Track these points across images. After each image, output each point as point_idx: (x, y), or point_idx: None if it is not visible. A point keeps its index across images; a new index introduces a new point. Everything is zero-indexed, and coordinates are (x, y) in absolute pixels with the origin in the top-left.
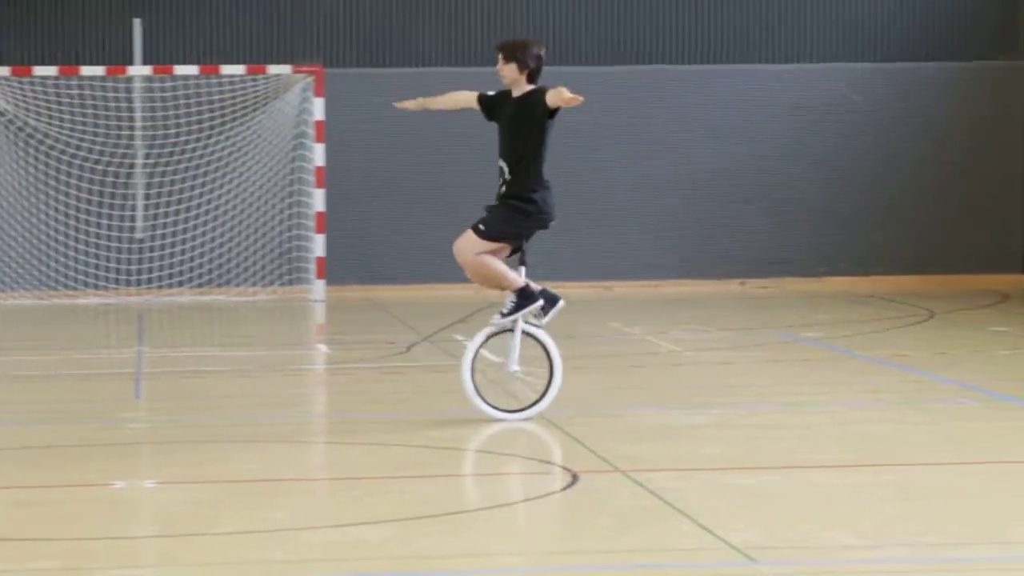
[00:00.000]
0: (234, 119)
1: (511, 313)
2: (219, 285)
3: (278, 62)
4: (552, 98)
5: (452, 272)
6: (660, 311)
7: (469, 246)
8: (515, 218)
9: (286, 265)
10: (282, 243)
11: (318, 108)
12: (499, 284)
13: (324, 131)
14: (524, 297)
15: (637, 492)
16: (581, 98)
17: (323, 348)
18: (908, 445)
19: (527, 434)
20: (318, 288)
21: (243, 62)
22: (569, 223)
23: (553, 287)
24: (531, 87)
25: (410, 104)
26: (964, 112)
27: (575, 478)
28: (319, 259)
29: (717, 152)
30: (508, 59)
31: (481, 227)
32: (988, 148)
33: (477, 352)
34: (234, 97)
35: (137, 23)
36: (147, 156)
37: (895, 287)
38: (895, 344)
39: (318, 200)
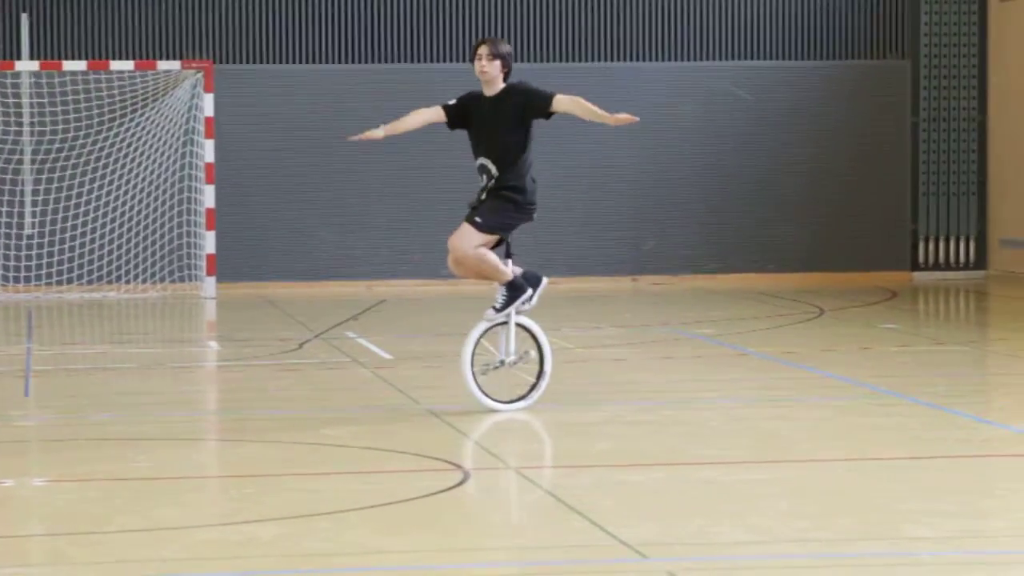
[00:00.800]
0: (123, 115)
1: (504, 307)
2: (109, 282)
3: (167, 58)
4: (582, 111)
5: (344, 269)
6: (552, 308)
7: (468, 240)
8: (508, 209)
9: (176, 262)
10: (172, 240)
11: (208, 104)
12: (493, 277)
13: (214, 127)
14: (514, 289)
15: (528, 489)
16: (636, 118)
17: (214, 345)
18: (799, 441)
19: (419, 431)
20: (209, 285)
21: (132, 58)
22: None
23: (449, 285)
24: (504, 85)
25: (376, 134)
26: (853, 110)
27: (467, 475)
28: (209, 256)
29: (610, 150)
30: (494, 57)
31: (478, 220)
32: (877, 146)
33: (476, 346)
34: (123, 93)
35: (24, 18)
36: (35, 152)
37: (786, 284)
38: (786, 341)
39: (208, 197)
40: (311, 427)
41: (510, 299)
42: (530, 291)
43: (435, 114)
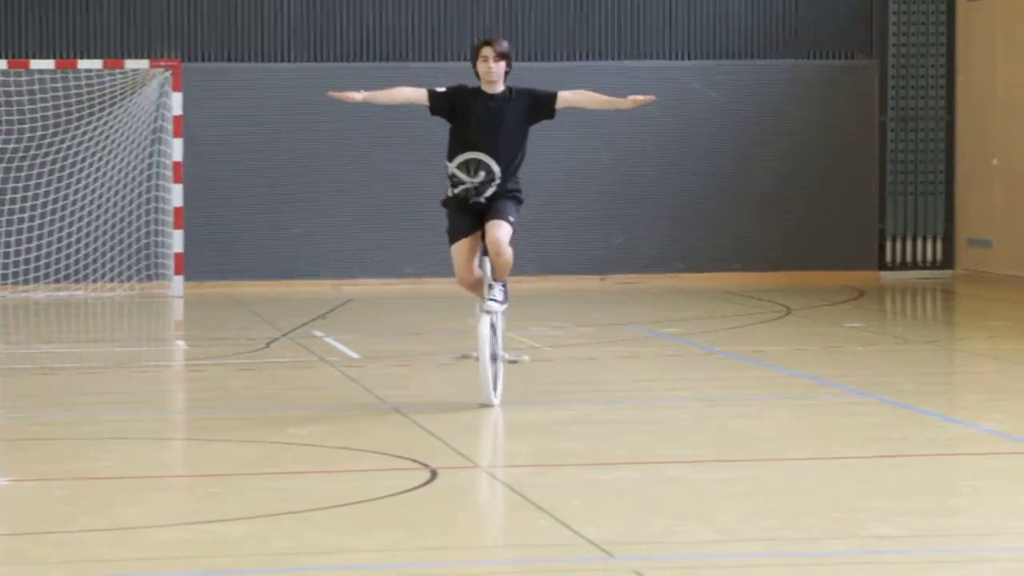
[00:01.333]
0: (91, 114)
1: (506, 300)
2: (76, 281)
3: (136, 57)
4: (590, 102)
5: (312, 268)
6: (520, 307)
7: (509, 237)
8: (519, 208)
9: (144, 261)
10: (140, 239)
11: (176, 103)
12: (506, 273)
13: (182, 126)
14: (505, 285)
15: (496, 488)
16: (652, 97)
17: (181, 344)
18: (766, 440)
19: (387, 430)
20: (177, 284)
21: (100, 56)
22: (428, 221)
23: (417, 284)
24: (505, 86)
25: (355, 96)
26: (821, 110)
27: (434, 474)
28: (177, 255)
29: (577, 149)
30: (500, 58)
31: (512, 219)
32: (845, 146)
33: (489, 340)
34: (91, 92)
35: None
36: (3, 152)
37: (753, 284)
38: (753, 340)
39: (176, 196)
40: (278, 426)
41: (506, 294)
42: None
43: (418, 95)
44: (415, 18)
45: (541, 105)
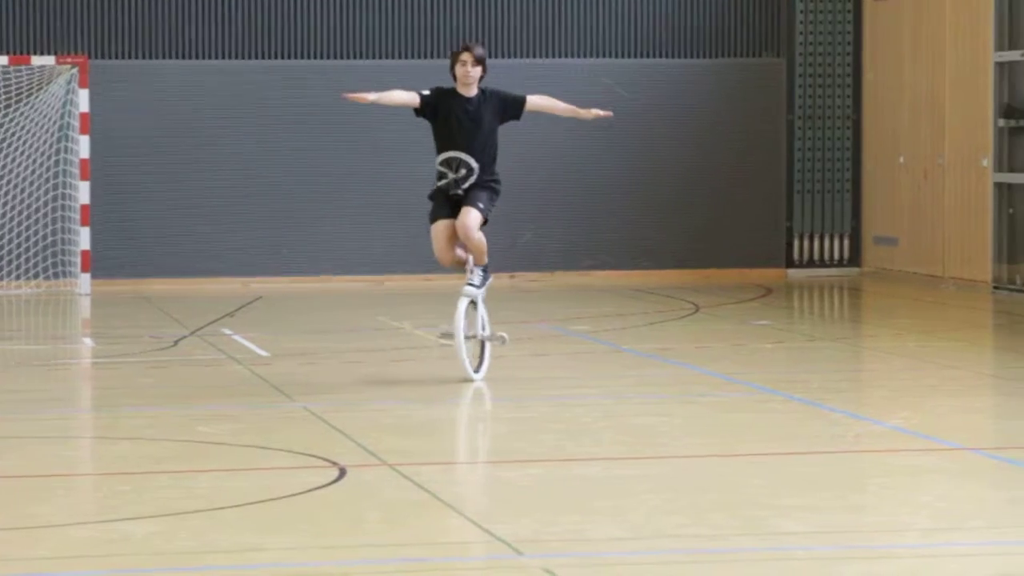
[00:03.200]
0: None
1: (483, 284)
2: None
3: (42, 53)
4: (553, 107)
5: (220, 265)
6: (430, 305)
7: (476, 223)
8: (494, 197)
9: (51, 259)
10: (47, 236)
11: (83, 100)
12: (482, 258)
13: (89, 123)
14: (486, 270)
15: (405, 486)
16: (609, 113)
17: (88, 342)
18: (673, 438)
19: (295, 428)
20: (84, 282)
21: (6, 52)
22: (343, 218)
23: (327, 282)
24: (479, 88)
25: (367, 96)
26: (729, 108)
27: (343, 472)
28: (84, 252)
29: None
30: (478, 63)
31: (481, 206)
32: (753, 144)
33: (464, 320)
34: None
35: None
36: None
37: (661, 281)
38: (661, 338)
39: (83, 193)
40: (186, 424)
41: (486, 278)
42: (491, 276)
43: (410, 99)
44: (321, 15)
45: (510, 108)
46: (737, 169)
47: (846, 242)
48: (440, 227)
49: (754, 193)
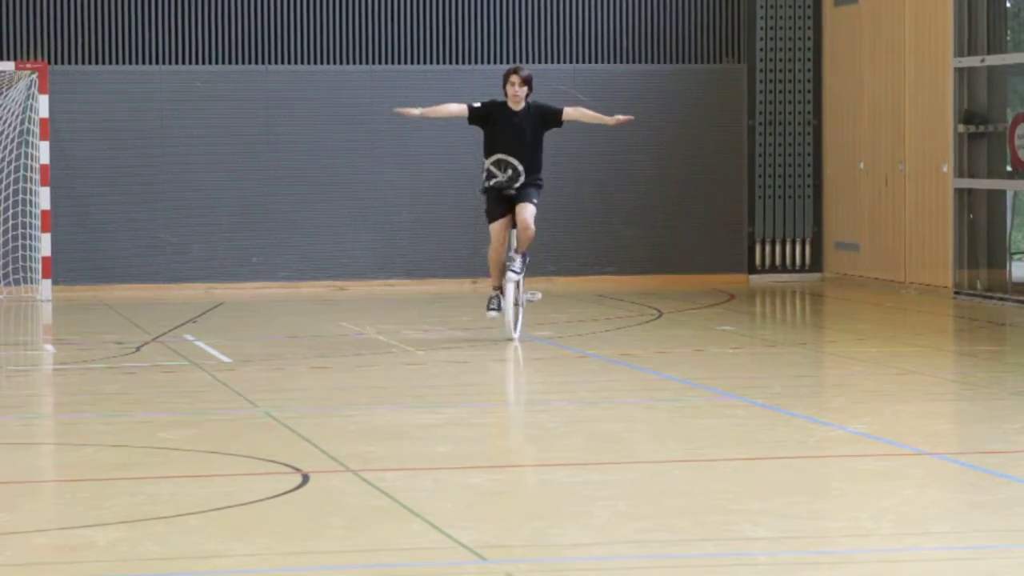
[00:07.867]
0: None
1: (521, 271)
2: None
3: (1, 59)
4: (582, 116)
5: (183, 271)
6: (391, 311)
7: (534, 216)
8: (541, 193)
9: (11, 264)
10: (7, 243)
11: (43, 105)
12: (529, 245)
13: (49, 128)
14: (525, 256)
15: (368, 492)
16: (632, 117)
17: (50, 348)
18: (637, 443)
19: (258, 434)
20: (45, 288)
21: None
22: (304, 224)
23: (289, 288)
24: (526, 103)
25: (413, 112)
26: (690, 114)
27: (306, 478)
28: (45, 258)
29: (446, 156)
30: (524, 84)
31: (535, 201)
32: (714, 150)
33: (513, 295)
34: None
35: None
36: None
37: (625, 287)
38: (624, 343)
39: (44, 199)
40: (148, 430)
41: (525, 263)
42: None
43: (460, 110)
44: (280, 21)
45: (550, 119)
46: (698, 174)
47: (807, 247)
48: (498, 227)
49: (716, 198)
